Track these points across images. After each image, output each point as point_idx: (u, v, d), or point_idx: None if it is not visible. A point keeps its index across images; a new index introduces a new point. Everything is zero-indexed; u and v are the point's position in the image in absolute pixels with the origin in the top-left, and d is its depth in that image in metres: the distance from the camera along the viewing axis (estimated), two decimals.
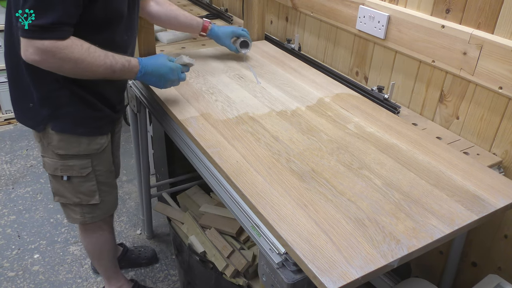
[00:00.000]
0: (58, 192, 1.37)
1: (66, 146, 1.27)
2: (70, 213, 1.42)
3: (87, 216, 1.42)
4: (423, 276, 1.51)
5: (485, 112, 1.22)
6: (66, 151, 1.27)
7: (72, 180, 1.33)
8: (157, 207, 1.74)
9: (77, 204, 1.38)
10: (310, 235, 0.85)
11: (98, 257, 1.63)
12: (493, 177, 1.06)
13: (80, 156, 1.30)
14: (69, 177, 1.32)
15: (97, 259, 1.64)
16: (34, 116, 1.24)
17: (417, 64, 1.38)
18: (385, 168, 1.07)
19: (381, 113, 1.33)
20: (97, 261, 1.65)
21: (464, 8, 1.20)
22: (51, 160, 1.30)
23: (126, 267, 1.92)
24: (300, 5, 1.81)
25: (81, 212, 1.41)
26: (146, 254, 1.96)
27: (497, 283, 1.13)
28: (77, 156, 1.29)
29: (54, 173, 1.32)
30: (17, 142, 2.82)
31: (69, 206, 1.40)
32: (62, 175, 1.32)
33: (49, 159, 1.30)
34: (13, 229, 2.12)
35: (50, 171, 1.32)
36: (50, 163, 1.30)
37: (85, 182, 1.35)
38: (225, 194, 1.06)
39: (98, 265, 1.67)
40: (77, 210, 1.40)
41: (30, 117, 1.25)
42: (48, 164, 1.31)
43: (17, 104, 1.27)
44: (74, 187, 1.35)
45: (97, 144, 1.32)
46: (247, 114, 1.29)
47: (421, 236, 0.87)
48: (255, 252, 1.44)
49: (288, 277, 0.86)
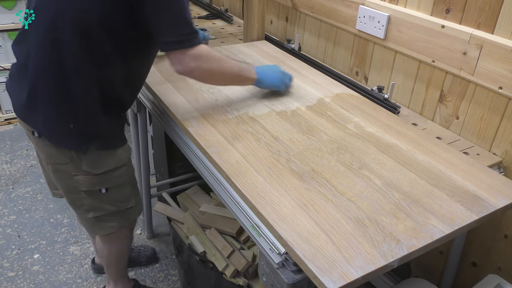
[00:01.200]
0: (93, 207, 1.31)
1: (102, 163, 1.23)
2: (105, 224, 1.38)
3: (123, 220, 1.40)
4: (423, 276, 1.51)
5: (485, 112, 1.22)
6: (104, 169, 1.24)
7: (110, 190, 1.29)
8: (157, 207, 1.74)
9: (115, 212, 1.35)
10: (310, 235, 0.85)
11: (117, 263, 1.60)
12: (493, 177, 1.06)
13: (118, 168, 1.27)
14: (107, 188, 1.29)
15: (115, 264, 1.61)
16: (77, 136, 1.18)
17: (417, 64, 1.38)
18: (385, 168, 1.07)
19: (381, 113, 1.33)
20: (114, 266, 1.62)
21: (464, 8, 1.20)
22: (86, 177, 1.24)
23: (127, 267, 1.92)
24: (300, 5, 1.81)
25: (118, 218, 1.39)
26: (146, 253, 1.96)
27: (497, 283, 1.13)
28: (115, 169, 1.27)
29: (91, 188, 1.27)
30: (17, 142, 2.82)
31: (105, 218, 1.36)
32: (100, 188, 1.27)
33: (84, 176, 1.24)
34: (13, 229, 2.12)
35: (86, 188, 1.26)
36: (86, 180, 1.24)
37: (123, 189, 1.33)
38: (225, 194, 1.06)
39: (112, 268, 1.63)
40: (114, 219, 1.38)
41: (71, 138, 1.18)
42: (83, 181, 1.25)
43: (53, 126, 1.17)
44: (113, 197, 1.32)
45: (128, 151, 1.31)
46: (247, 114, 1.29)
47: (421, 236, 0.87)
48: (255, 252, 1.44)
49: (288, 277, 0.86)
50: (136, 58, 1.21)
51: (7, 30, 2.73)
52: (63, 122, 1.16)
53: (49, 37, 1.08)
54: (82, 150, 1.20)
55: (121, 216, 1.39)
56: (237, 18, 2.27)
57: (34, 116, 1.17)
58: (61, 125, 1.16)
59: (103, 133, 1.22)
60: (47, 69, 1.11)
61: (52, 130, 1.18)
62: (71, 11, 1.06)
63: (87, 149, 1.20)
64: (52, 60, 1.09)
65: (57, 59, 1.09)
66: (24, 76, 1.15)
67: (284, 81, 1.38)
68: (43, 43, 1.09)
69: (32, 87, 1.14)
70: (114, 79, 1.17)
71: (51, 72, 1.11)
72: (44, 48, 1.09)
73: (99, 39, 1.09)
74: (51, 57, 1.09)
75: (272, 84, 1.36)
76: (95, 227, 1.38)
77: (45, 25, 1.08)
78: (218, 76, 1.23)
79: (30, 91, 1.14)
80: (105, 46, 1.10)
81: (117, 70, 1.16)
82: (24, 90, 1.15)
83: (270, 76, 1.35)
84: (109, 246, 1.51)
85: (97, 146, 1.21)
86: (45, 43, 1.09)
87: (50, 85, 1.12)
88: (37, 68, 1.11)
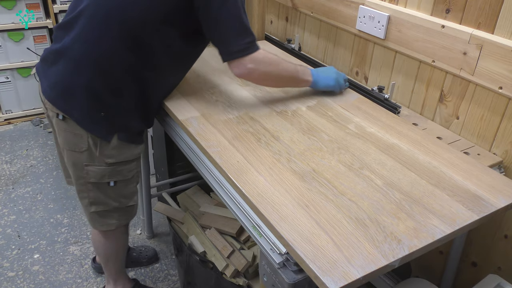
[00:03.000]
0: (98, 200, 1.34)
1: (117, 154, 1.27)
2: (106, 220, 1.40)
3: (122, 218, 1.42)
4: (423, 276, 1.51)
5: (485, 112, 1.22)
6: (116, 159, 1.27)
7: (118, 184, 1.32)
8: (157, 207, 1.74)
9: (116, 208, 1.37)
10: (311, 235, 0.85)
11: (115, 261, 1.61)
12: (493, 177, 1.06)
13: (129, 161, 1.31)
14: (116, 181, 1.31)
15: (113, 262, 1.62)
16: (107, 125, 1.23)
17: (417, 64, 1.38)
18: (386, 168, 1.07)
19: (382, 113, 1.33)
20: (112, 264, 1.62)
21: (464, 8, 1.20)
22: (98, 168, 1.27)
23: (127, 267, 1.92)
24: (300, 5, 1.81)
25: (118, 216, 1.40)
26: (148, 253, 1.96)
27: (497, 283, 1.13)
28: (126, 161, 1.30)
29: (101, 180, 1.29)
30: (17, 142, 2.82)
31: (106, 214, 1.38)
32: (109, 181, 1.30)
33: (96, 167, 1.27)
34: (13, 229, 2.12)
35: (95, 179, 1.29)
36: (97, 171, 1.27)
37: (129, 184, 1.36)
38: (226, 194, 1.06)
39: (110, 267, 1.64)
40: (115, 215, 1.39)
41: (102, 126, 1.23)
42: (93, 173, 1.28)
43: (87, 113, 1.21)
44: (119, 191, 1.34)
45: (141, 148, 1.35)
46: (248, 114, 1.29)
47: (422, 236, 0.87)
48: (255, 252, 1.44)
49: (289, 277, 0.86)
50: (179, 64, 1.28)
51: (7, 30, 2.73)
52: (96, 109, 1.20)
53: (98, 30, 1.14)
54: (107, 139, 1.24)
55: (122, 213, 1.41)
56: None
57: (67, 100, 1.20)
58: (93, 112, 1.20)
59: (129, 127, 1.27)
60: (91, 59, 1.16)
61: (85, 115, 1.21)
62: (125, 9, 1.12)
63: (111, 138, 1.24)
64: (96, 51, 1.15)
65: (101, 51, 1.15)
66: (64, 61, 1.19)
67: (339, 81, 1.40)
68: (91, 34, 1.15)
69: (69, 72, 1.18)
70: (154, 80, 1.23)
71: (94, 61, 1.16)
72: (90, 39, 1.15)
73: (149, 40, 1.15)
74: (95, 48, 1.15)
75: (327, 86, 1.39)
76: (94, 221, 1.41)
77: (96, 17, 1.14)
78: (275, 78, 1.30)
79: (67, 75, 1.19)
80: (153, 47, 1.17)
81: (159, 72, 1.23)
82: (61, 75, 1.20)
83: (325, 78, 1.38)
84: (106, 242, 1.53)
85: (120, 137, 1.25)
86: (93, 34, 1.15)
87: (93, 74, 1.17)
88: (81, 56, 1.16)
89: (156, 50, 1.18)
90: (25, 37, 2.80)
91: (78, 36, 1.16)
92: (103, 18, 1.13)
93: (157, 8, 1.12)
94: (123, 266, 1.68)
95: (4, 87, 2.89)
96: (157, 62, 1.21)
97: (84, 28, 1.15)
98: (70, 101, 1.20)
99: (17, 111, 3.01)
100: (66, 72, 1.19)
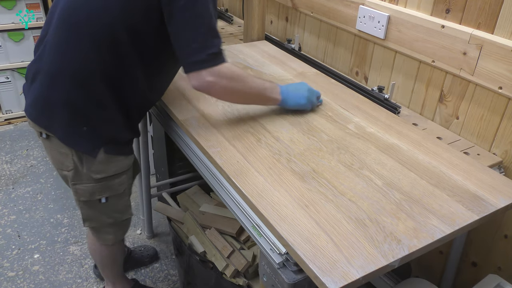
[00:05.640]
0: (90, 217, 1.31)
1: (105, 168, 1.22)
2: (102, 235, 1.38)
3: (119, 233, 1.41)
4: (423, 276, 1.51)
5: (485, 112, 1.22)
6: (106, 174, 1.22)
7: (110, 200, 1.28)
8: (157, 207, 1.74)
9: (111, 224, 1.35)
10: (311, 235, 0.85)
11: (111, 265, 1.60)
12: (493, 177, 1.06)
13: (118, 174, 1.26)
14: (107, 197, 1.27)
15: (110, 267, 1.61)
16: (91, 140, 1.17)
17: (417, 64, 1.38)
18: (385, 168, 1.07)
19: (381, 113, 1.33)
20: (109, 268, 1.62)
21: (464, 8, 1.20)
22: (86, 186, 1.23)
23: (131, 268, 1.92)
24: (300, 5, 1.81)
25: (114, 231, 1.38)
26: (148, 253, 1.97)
27: (497, 283, 1.13)
28: (116, 175, 1.25)
29: (91, 198, 1.25)
30: (17, 142, 2.82)
31: (101, 229, 1.36)
32: (100, 197, 1.26)
33: (84, 185, 1.23)
34: (13, 229, 2.12)
35: (85, 198, 1.25)
36: (86, 189, 1.23)
37: (121, 198, 1.32)
38: (226, 194, 1.06)
39: (107, 272, 1.63)
40: (110, 231, 1.37)
41: (86, 141, 1.17)
42: (82, 191, 1.24)
43: (69, 129, 1.16)
44: (112, 207, 1.31)
45: (130, 160, 1.30)
46: (248, 114, 1.29)
47: (422, 236, 0.87)
48: (255, 252, 1.44)
49: (289, 277, 0.86)
50: (157, 72, 1.21)
51: (7, 30, 2.73)
52: (77, 124, 1.15)
53: (71, 42, 1.09)
54: (93, 154, 1.18)
55: (118, 228, 1.40)
56: (237, 18, 2.27)
57: (48, 116, 1.16)
58: (75, 127, 1.15)
59: (115, 139, 1.21)
60: (66, 72, 1.11)
61: (66, 131, 1.16)
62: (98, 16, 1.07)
63: (97, 153, 1.18)
64: (70, 64, 1.10)
65: (75, 63, 1.10)
66: (41, 77, 1.14)
67: (311, 100, 1.29)
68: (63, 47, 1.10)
69: (48, 88, 1.13)
70: (134, 88, 1.17)
71: (69, 74, 1.11)
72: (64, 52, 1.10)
73: (123, 48, 1.09)
74: (69, 61, 1.10)
75: (297, 104, 1.28)
76: (96, 237, 1.40)
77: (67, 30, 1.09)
78: (238, 95, 1.18)
79: (45, 91, 1.14)
80: (129, 56, 1.11)
81: (138, 80, 1.16)
82: (39, 91, 1.15)
83: (295, 96, 1.27)
84: (100, 250, 1.51)
85: (107, 151, 1.19)
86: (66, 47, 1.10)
87: (71, 88, 1.11)
88: (56, 70, 1.11)
89: (130, 60, 1.12)
90: (25, 37, 2.80)
91: (51, 50, 1.12)
92: (73, 30, 1.09)
93: (125, 19, 1.07)
94: (120, 270, 1.68)
95: (4, 87, 2.90)
96: (133, 72, 1.15)
97: (56, 41, 1.11)
98: (51, 118, 1.15)
99: (17, 111, 3.01)
100: (43, 88, 1.14)
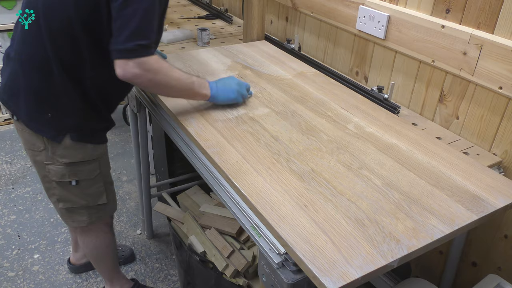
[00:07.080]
0: (64, 198, 1.35)
1: (71, 154, 1.27)
2: (75, 216, 1.41)
3: (93, 216, 1.43)
4: (423, 276, 1.51)
5: (485, 112, 1.22)
6: (72, 159, 1.28)
7: (80, 183, 1.33)
8: (157, 207, 1.74)
9: (84, 206, 1.38)
10: (310, 235, 0.85)
11: (102, 260, 1.62)
12: (493, 177, 1.06)
13: (88, 161, 1.31)
14: (78, 181, 1.32)
15: (101, 262, 1.63)
16: (55, 126, 1.23)
17: (417, 64, 1.38)
18: (385, 168, 1.07)
19: (381, 113, 1.33)
20: (101, 264, 1.64)
21: (464, 8, 1.20)
22: (57, 167, 1.29)
23: None
24: (300, 5, 1.81)
25: (88, 213, 1.41)
26: (124, 253, 1.97)
27: (497, 283, 1.13)
28: (85, 162, 1.30)
29: (62, 179, 1.31)
30: (17, 142, 2.82)
31: (75, 210, 1.39)
32: (70, 180, 1.31)
33: (55, 166, 1.28)
34: (13, 229, 2.12)
35: (56, 178, 1.31)
36: (57, 170, 1.29)
37: (94, 184, 1.36)
38: (225, 194, 1.06)
39: (101, 267, 1.65)
40: (84, 212, 1.40)
41: (50, 127, 1.23)
42: (54, 172, 1.30)
43: (33, 115, 1.23)
44: (83, 190, 1.35)
45: (101, 149, 1.35)
46: (247, 114, 1.29)
47: (421, 236, 0.87)
48: (255, 252, 1.44)
49: (288, 277, 0.86)
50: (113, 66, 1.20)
51: (7, 30, 2.73)
52: (42, 111, 1.21)
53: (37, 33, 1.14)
54: (57, 140, 1.24)
55: (93, 212, 1.42)
56: (237, 18, 2.27)
57: (15, 102, 1.23)
58: (40, 113, 1.21)
59: (80, 127, 1.26)
60: (34, 65, 1.17)
61: (31, 117, 1.23)
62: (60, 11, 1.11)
63: (62, 139, 1.24)
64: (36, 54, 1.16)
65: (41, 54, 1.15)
66: (13, 63, 1.21)
67: (242, 92, 1.31)
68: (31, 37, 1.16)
69: (15, 75, 1.20)
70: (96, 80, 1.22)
71: (38, 67, 1.17)
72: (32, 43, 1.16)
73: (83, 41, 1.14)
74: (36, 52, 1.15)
75: (228, 98, 1.29)
76: (65, 217, 1.43)
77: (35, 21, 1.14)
78: (165, 88, 1.20)
79: (13, 78, 1.21)
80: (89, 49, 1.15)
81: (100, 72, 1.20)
82: (8, 77, 1.23)
83: (225, 90, 1.29)
84: (87, 241, 1.54)
85: (73, 138, 1.25)
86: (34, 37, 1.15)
87: (34, 76, 1.18)
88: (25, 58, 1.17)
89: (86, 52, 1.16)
90: None
91: (22, 39, 1.18)
92: (37, 23, 1.14)
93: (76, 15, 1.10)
94: (116, 266, 1.68)
95: None
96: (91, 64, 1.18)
97: (27, 31, 1.16)
98: (17, 103, 1.22)
99: None
100: (13, 74, 1.21)
